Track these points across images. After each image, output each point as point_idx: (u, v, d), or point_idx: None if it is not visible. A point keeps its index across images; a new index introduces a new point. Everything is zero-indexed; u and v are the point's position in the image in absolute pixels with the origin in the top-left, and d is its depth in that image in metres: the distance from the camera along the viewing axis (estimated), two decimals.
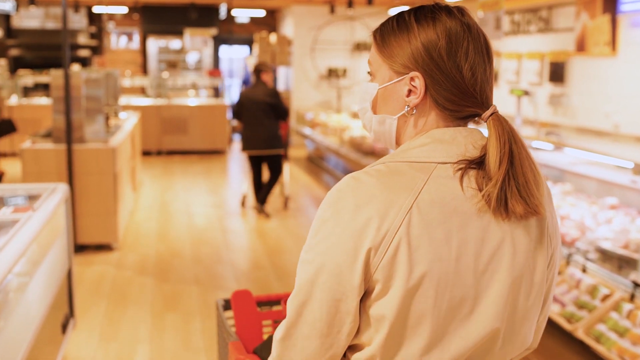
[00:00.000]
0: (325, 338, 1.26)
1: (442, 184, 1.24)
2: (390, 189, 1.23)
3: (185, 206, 8.18)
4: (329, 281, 1.23)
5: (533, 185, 1.26)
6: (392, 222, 1.20)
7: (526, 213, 1.25)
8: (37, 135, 6.38)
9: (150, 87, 12.99)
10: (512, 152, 1.25)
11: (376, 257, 1.21)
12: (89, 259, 5.99)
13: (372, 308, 1.24)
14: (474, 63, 1.29)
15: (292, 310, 1.28)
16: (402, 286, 1.20)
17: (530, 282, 1.30)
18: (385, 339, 1.24)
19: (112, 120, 7.95)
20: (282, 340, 1.30)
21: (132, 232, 6.93)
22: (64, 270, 3.81)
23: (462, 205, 1.24)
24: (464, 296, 1.23)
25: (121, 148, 6.55)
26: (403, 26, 1.33)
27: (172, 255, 6.19)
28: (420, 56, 1.29)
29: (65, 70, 5.88)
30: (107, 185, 6.12)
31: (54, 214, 3.45)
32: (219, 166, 11.29)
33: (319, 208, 1.29)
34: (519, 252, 1.28)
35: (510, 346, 1.31)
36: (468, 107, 1.30)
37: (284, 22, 14.94)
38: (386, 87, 1.35)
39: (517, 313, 1.29)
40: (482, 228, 1.25)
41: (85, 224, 6.13)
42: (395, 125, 1.36)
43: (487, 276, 1.25)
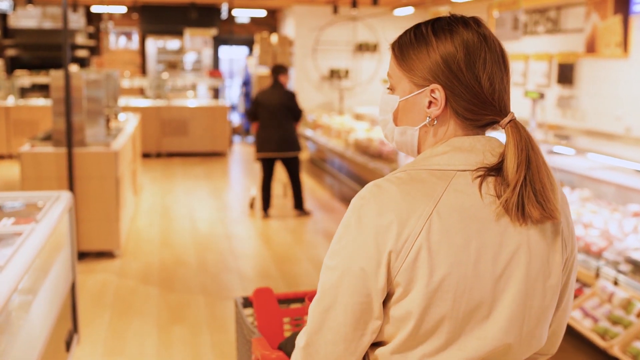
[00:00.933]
0: (350, 343, 1.30)
1: (461, 191, 1.28)
2: (411, 196, 1.27)
3: (187, 210, 7.98)
4: (353, 286, 1.27)
5: (549, 191, 1.30)
6: (412, 228, 1.25)
7: (542, 218, 1.29)
8: (36, 139, 6.17)
9: (149, 88, 12.78)
10: (529, 159, 1.29)
11: (397, 261, 1.25)
12: (90, 267, 5.78)
13: (393, 310, 1.29)
14: (492, 73, 1.32)
15: (315, 317, 1.32)
16: (423, 289, 1.25)
17: (545, 285, 1.34)
18: (405, 339, 1.29)
19: (112, 123, 7.75)
20: (305, 348, 1.34)
21: (134, 238, 6.73)
22: (68, 283, 3.62)
23: (481, 211, 1.28)
24: (481, 299, 1.28)
25: (123, 151, 6.35)
26: (421, 40, 1.36)
27: (176, 262, 5.99)
28: (439, 69, 1.33)
29: (65, 70, 5.68)
30: (109, 191, 5.91)
31: (57, 225, 3.25)
32: (220, 168, 11.09)
33: (344, 215, 1.34)
34: (534, 257, 1.31)
35: (525, 348, 1.35)
36: (487, 116, 1.34)
37: (285, 22, 14.75)
38: (407, 100, 1.38)
39: (531, 316, 1.33)
40: (499, 233, 1.29)
41: (86, 230, 5.92)
42: (417, 136, 1.39)
43: (503, 280, 1.29)
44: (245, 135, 14.58)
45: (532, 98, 6.45)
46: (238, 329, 2.26)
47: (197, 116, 12.11)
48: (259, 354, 1.90)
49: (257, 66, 13.53)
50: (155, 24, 15.01)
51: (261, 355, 1.89)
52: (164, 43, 15.49)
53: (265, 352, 1.88)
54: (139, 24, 15.22)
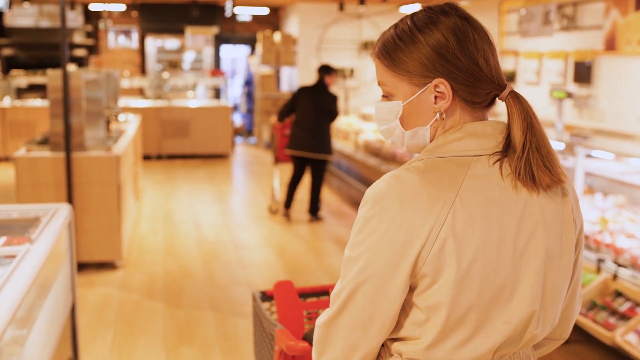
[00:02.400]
0: (367, 332, 1.31)
1: (480, 177, 1.29)
2: (432, 186, 1.27)
3: (191, 216, 7.62)
4: (375, 277, 1.28)
5: (554, 156, 1.33)
6: (437, 217, 1.25)
7: (552, 182, 1.31)
8: (32, 142, 5.80)
9: (149, 88, 12.40)
10: (533, 125, 1.31)
11: (423, 251, 1.25)
12: (90, 280, 5.42)
13: (420, 301, 1.29)
14: (484, 51, 1.33)
15: (336, 303, 1.33)
16: (452, 278, 1.25)
17: (560, 263, 1.36)
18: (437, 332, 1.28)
19: (113, 125, 7.39)
20: (324, 327, 1.36)
21: (137, 247, 6.36)
22: (68, 306, 3.26)
23: (501, 194, 1.30)
24: (504, 282, 1.29)
25: (125, 155, 5.98)
26: (407, 39, 1.34)
27: (182, 274, 5.62)
28: (436, 62, 1.32)
29: (63, 70, 5.32)
30: (110, 197, 5.55)
31: (56, 244, 2.89)
32: (223, 171, 10.72)
33: (360, 207, 1.33)
34: (551, 236, 1.33)
35: (542, 326, 1.36)
36: (490, 94, 1.35)
37: (288, 20, 14.38)
38: (411, 102, 1.37)
39: (547, 293, 1.35)
40: (519, 215, 1.30)
41: (86, 240, 5.56)
42: (429, 134, 1.38)
43: (524, 261, 1.31)
44: (248, 136, 14.22)
45: (559, 98, 6.10)
46: (256, 323, 2.26)
47: (198, 117, 11.74)
48: (284, 345, 1.87)
49: (259, 65, 13.19)
50: (155, 22, 14.62)
51: (286, 346, 1.86)
52: (164, 42, 15.11)
53: (290, 342, 1.86)
54: (139, 22, 14.83)
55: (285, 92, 13.44)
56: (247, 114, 14.42)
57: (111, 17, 14.78)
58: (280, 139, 7.73)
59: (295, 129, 7.29)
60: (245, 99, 14.41)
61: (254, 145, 13.51)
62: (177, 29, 14.58)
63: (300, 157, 7.33)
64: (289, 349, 1.87)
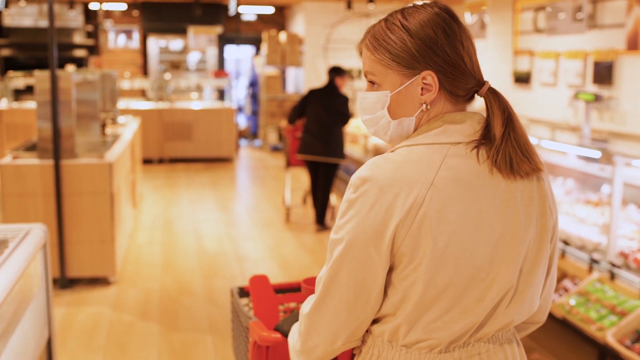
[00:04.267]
0: (352, 311, 1.37)
1: (457, 162, 1.36)
2: (411, 169, 1.34)
3: (192, 225, 7.20)
4: (357, 257, 1.34)
5: (532, 146, 1.40)
6: (415, 198, 1.31)
7: (531, 170, 1.38)
8: (19, 149, 5.40)
9: (151, 89, 12.00)
10: (511, 118, 1.40)
11: (402, 231, 1.32)
12: (80, 298, 5.01)
13: (399, 279, 1.36)
14: (468, 48, 1.42)
15: (322, 286, 1.39)
16: (428, 257, 1.32)
17: (535, 249, 1.42)
18: (413, 308, 1.35)
19: (109, 128, 6.98)
20: (310, 314, 1.42)
21: (133, 259, 5.95)
22: (42, 341, 2.84)
23: (477, 180, 1.36)
24: (481, 264, 1.35)
25: (119, 162, 5.57)
26: (398, 31, 1.40)
27: (180, 290, 5.21)
28: (426, 55, 1.38)
29: (52, 71, 4.91)
30: (102, 208, 5.14)
31: (25, 271, 2.48)
32: (226, 176, 10.30)
33: (346, 192, 1.38)
34: (527, 222, 1.40)
35: (518, 306, 1.41)
36: (472, 88, 1.43)
37: (294, 20, 13.98)
38: (399, 92, 1.42)
39: (524, 278, 1.41)
40: (495, 201, 1.37)
41: (76, 253, 5.15)
42: (414, 124, 1.44)
43: (501, 245, 1.37)
44: (253, 138, 13.82)
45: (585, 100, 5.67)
46: (234, 318, 2.30)
47: (201, 119, 11.33)
48: (257, 336, 1.90)
49: (264, 66, 12.79)
50: (156, 22, 14.22)
51: (258, 337, 1.89)
52: (167, 42, 14.71)
53: (262, 333, 1.89)
54: (140, 21, 14.44)
55: (291, 94, 13.04)
56: (251, 116, 14.01)
57: (112, 17, 14.39)
58: (292, 142, 7.39)
59: (305, 133, 6.93)
60: (250, 100, 14.01)
61: (258, 148, 13.10)
62: (179, 28, 14.18)
63: (312, 162, 6.99)
64: (261, 339, 1.88)
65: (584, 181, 5.61)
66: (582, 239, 4.33)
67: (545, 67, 9.52)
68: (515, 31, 10.09)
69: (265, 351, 1.92)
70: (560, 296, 4.05)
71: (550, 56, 9.42)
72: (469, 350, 1.41)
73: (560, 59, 9.26)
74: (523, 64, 9.95)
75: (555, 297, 4.08)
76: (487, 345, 1.43)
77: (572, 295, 3.95)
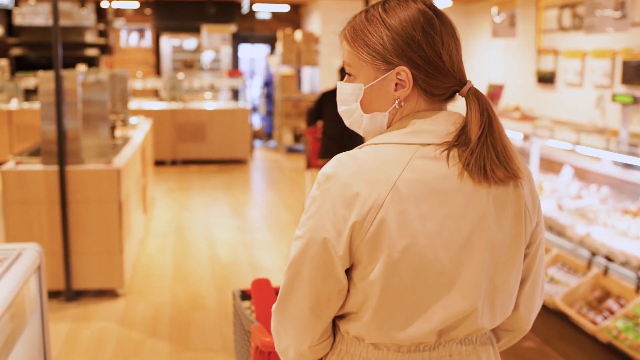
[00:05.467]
0: (315, 308, 1.36)
1: (424, 164, 1.32)
2: (375, 167, 1.31)
3: (205, 231, 6.91)
4: (317, 254, 1.33)
5: (511, 152, 1.35)
6: (376, 198, 1.29)
7: (506, 177, 1.34)
8: (23, 154, 5.12)
9: (163, 89, 11.72)
10: (490, 121, 1.34)
11: (361, 231, 1.29)
12: (86, 312, 4.72)
13: (359, 280, 1.34)
14: (449, 46, 1.37)
15: (284, 283, 1.39)
16: (386, 259, 1.29)
17: (507, 255, 1.38)
18: (373, 310, 1.33)
19: (119, 131, 6.71)
20: (277, 311, 1.41)
21: (143, 269, 5.66)
22: None
23: (444, 183, 1.32)
24: (443, 269, 1.32)
25: (128, 167, 5.28)
26: (376, 24, 1.38)
27: (191, 304, 4.91)
28: (401, 50, 1.35)
29: (56, 71, 4.63)
30: (110, 216, 4.86)
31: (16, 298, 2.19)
32: (240, 178, 10.01)
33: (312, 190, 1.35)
34: (498, 228, 1.35)
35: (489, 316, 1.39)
36: (451, 88, 1.38)
37: (310, 18, 13.68)
38: (372, 86, 1.40)
39: (495, 285, 1.38)
40: (463, 204, 1.32)
41: (82, 264, 4.87)
42: (387, 120, 1.41)
43: (467, 249, 1.33)
44: (267, 139, 13.53)
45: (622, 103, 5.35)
46: (236, 321, 2.29)
47: (215, 120, 11.04)
48: (258, 341, 1.89)
49: (279, 65, 12.49)
50: (169, 21, 13.95)
51: (260, 342, 1.87)
52: (180, 41, 14.44)
53: (264, 338, 1.88)
54: (153, 20, 14.18)
55: (306, 94, 12.74)
56: (266, 117, 13.72)
57: (124, 15, 14.14)
58: (313, 143, 7.13)
59: (324, 136, 6.66)
60: (265, 100, 13.71)
61: (273, 149, 12.81)
62: (192, 27, 13.91)
63: None
64: (263, 345, 1.87)
65: (619, 188, 5.27)
66: (625, 254, 4.00)
67: (570, 66, 9.17)
68: (538, 29, 9.75)
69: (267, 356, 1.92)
70: (605, 319, 3.73)
71: (576, 55, 9.07)
72: (439, 352, 1.39)
73: (587, 58, 8.91)
74: (547, 63, 9.62)
75: (599, 319, 3.77)
76: (459, 346, 1.40)
77: (618, 318, 3.63)
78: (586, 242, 4.30)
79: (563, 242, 4.55)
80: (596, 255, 4.20)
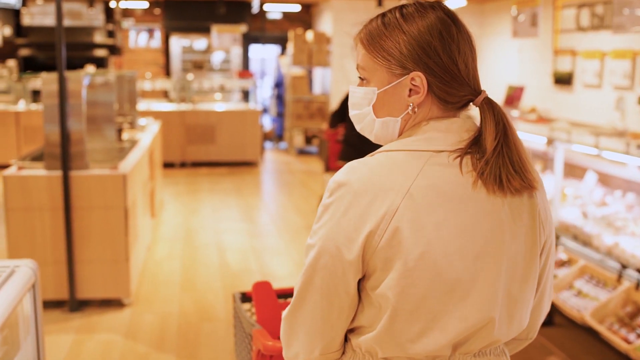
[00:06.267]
0: (327, 319, 1.33)
1: (437, 171, 1.30)
2: (388, 175, 1.29)
3: (214, 236, 6.72)
4: (329, 263, 1.30)
5: (527, 162, 1.33)
6: (389, 206, 1.26)
7: (522, 187, 1.32)
8: (26, 158, 4.94)
9: (173, 90, 11.56)
10: (505, 131, 1.33)
11: (374, 239, 1.26)
12: (91, 323, 4.54)
13: (372, 290, 1.31)
14: (465, 54, 1.35)
15: (296, 292, 1.36)
16: (400, 268, 1.26)
17: (523, 266, 1.35)
18: (387, 321, 1.29)
19: (126, 133, 6.53)
20: (288, 317, 1.38)
21: (150, 277, 5.48)
22: None
23: (458, 191, 1.29)
24: (459, 278, 1.28)
25: (135, 172, 5.09)
26: (393, 28, 1.36)
27: (200, 314, 4.72)
28: (417, 56, 1.33)
29: (60, 73, 4.46)
30: (115, 223, 4.67)
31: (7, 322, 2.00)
32: (251, 181, 9.82)
33: (323, 197, 1.34)
34: (513, 238, 1.33)
35: (504, 328, 1.35)
36: (465, 96, 1.36)
37: (322, 18, 13.48)
38: (386, 90, 1.38)
39: (511, 295, 1.34)
40: (477, 214, 1.29)
41: (87, 273, 4.69)
42: (399, 126, 1.39)
43: (482, 259, 1.29)
44: (278, 141, 13.34)
45: None
46: (237, 324, 2.28)
47: (225, 121, 10.85)
48: (260, 345, 1.88)
49: (290, 66, 12.31)
50: (179, 21, 13.78)
51: (262, 346, 1.86)
52: (190, 41, 14.26)
53: (267, 342, 1.87)
54: (162, 20, 14.01)
55: (317, 95, 12.55)
56: (277, 118, 13.53)
57: (133, 15, 13.98)
58: (332, 146, 6.95)
59: (344, 140, 6.46)
60: (276, 101, 13.53)
61: (284, 151, 12.62)
62: (202, 27, 13.72)
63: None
64: (265, 348, 1.87)
65: None
66: None
67: (588, 67, 8.93)
68: (555, 29, 9.52)
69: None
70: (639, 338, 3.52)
71: (595, 56, 8.83)
72: None
73: (606, 59, 8.67)
74: (564, 64, 9.39)
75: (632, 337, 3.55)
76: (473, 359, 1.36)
77: None
78: (615, 253, 4.08)
79: (589, 252, 4.33)
80: (627, 267, 3.98)
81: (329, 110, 12.05)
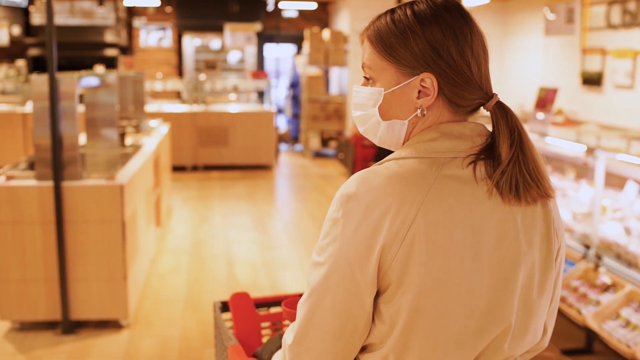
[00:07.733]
0: (339, 340, 1.25)
1: (452, 178, 1.23)
2: (401, 186, 1.21)
3: (223, 247, 6.32)
4: (342, 282, 1.22)
5: (543, 170, 1.28)
6: (404, 218, 1.19)
7: (538, 196, 1.27)
8: (16, 168, 4.57)
9: (185, 91, 11.20)
10: (521, 139, 1.27)
11: (389, 254, 1.20)
12: (85, 346, 4.15)
13: (385, 306, 1.23)
14: (478, 56, 1.29)
15: (303, 314, 1.27)
16: (416, 282, 1.19)
17: (539, 277, 1.30)
18: (399, 337, 1.22)
19: (129, 138, 6.15)
20: (294, 345, 1.29)
21: (152, 293, 5.08)
22: None
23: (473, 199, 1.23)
24: (476, 291, 1.22)
25: (135, 182, 4.70)
26: (404, 27, 1.29)
27: (203, 339, 4.31)
28: (428, 56, 1.26)
29: (51, 74, 4.07)
30: (112, 238, 4.28)
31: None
32: (264, 186, 9.42)
33: (329, 209, 1.26)
34: (529, 247, 1.28)
35: (519, 341, 1.29)
36: (476, 100, 1.30)
37: (338, 16, 13.09)
38: (393, 91, 1.32)
39: (527, 308, 1.29)
40: (492, 221, 1.24)
41: (81, 292, 4.30)
42: (406, 129, 1.33)
43: (498, 271, 1.24)
44: (294, 143, 12.95)
45: None
46: (217, 334, 2.23)
47: (238, 123, 10.47)
48: None
49: (306, 66, 11.92)
50: (192, 19, 13.42)
51: None
52: (202, 41, 13.90)
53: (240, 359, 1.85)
54: (174, 19, 13.65)
55: (334, 95, 12.15)
56: (292, 119, 13.14)
57: (145, 14, 13.63)
58: (358, 151, 6.58)
59: None
60: (291, 102, 13.14)
61: (300, 154, 12.21)
62: (215, 26, 13.35)
63: None
64: None
65: None
66: None
67: (620, 67, 8.45)
68: (583, 27, 9.05)
69: None
70: None
71: (627, 55, 8.35)
72: None
73: (639, 58, 8.21)
74: (593, 63, 8.91)
75: None
76: None
77: None
78: None
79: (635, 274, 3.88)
80: None
81: (345, 111, 11.65)
